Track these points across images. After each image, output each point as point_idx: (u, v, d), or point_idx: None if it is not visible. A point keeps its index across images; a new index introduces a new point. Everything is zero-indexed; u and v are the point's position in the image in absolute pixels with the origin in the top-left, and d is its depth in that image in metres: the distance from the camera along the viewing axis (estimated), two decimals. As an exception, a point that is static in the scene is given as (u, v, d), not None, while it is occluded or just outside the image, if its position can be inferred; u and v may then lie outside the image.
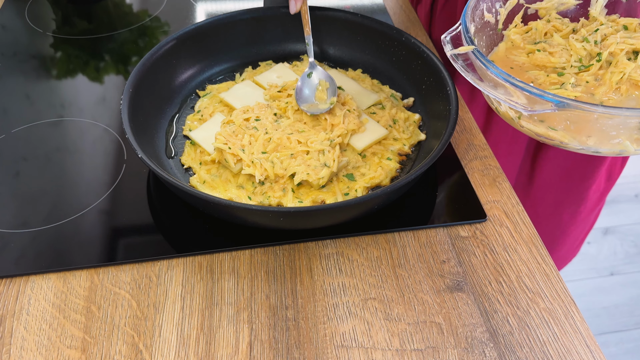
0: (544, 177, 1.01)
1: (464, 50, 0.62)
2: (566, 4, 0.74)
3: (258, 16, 0.84)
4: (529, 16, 0.75)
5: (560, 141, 0.61)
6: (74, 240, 0.64)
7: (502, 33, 0.73)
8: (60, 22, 1.01)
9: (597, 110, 0.54)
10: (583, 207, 1.06)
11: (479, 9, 0.69)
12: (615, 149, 0.60)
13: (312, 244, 0.64)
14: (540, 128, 0.61)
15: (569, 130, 0.60)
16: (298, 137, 0.69)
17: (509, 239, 0.65)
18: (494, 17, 0.72)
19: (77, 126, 0.79)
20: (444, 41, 0.64)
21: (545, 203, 1.05)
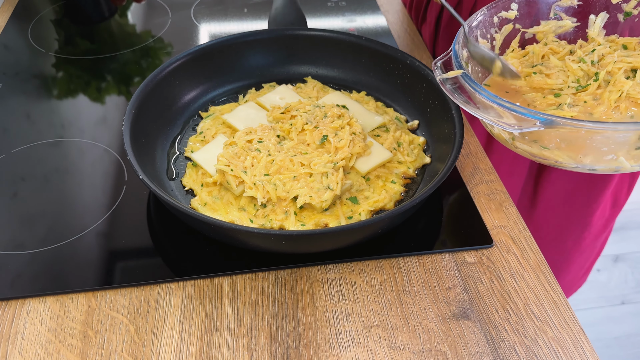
0: (547, 200, 1.01)
1: (453, 74, 0.64)
2: (564, 27, 0.75)
3: (262, 38, 0.85)
4: (527, 40, 0.76)
5: (555, 160, 0.62)
6: (72, 263, 0.64)
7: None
8: (62, 42, 1.03)
9: (584, 125, 0.55)
10: (587, 233, 1.06)
11: (473, 35, 0.71)
12: (611, 165, 0.60)
13: (315, 268, 0.65)
14: (534, 148, 0.63)
15: (560, 148, 0.61)
16: (301, 159, 0.70)
17: (516, 266, 0.65)
18: (489, 43, 0.73)
19: (77, 147, 0.80)
20: (434, 67, 0.66)
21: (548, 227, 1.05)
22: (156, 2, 1.14)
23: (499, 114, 0.59)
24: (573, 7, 0.75)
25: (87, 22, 1.11)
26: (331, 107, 0.77)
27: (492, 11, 0.73)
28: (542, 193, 1.01)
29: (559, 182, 0.98)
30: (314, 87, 0.86)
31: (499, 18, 0.73)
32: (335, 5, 1.14)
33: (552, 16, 0.75)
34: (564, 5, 0.75)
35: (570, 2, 0.74)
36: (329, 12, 1.12)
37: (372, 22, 1.09)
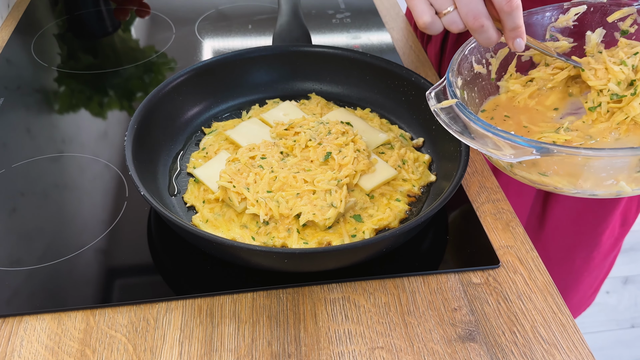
0: (555, 220, 1.01)
1: (447, 104, 0.64)
2: (561, 47, 0.76)
3: (266, 54, 0.86)
4: (523, 64, 0.76)
5: (554, 186, 0.62)
6: (70, 280, 0.64)
7: (496, 83, 0.75)
8: (65, 56, 1.04)
9: (579, 153, 0.55)
10: (596, 253, 1.05)
11: (467, 61, 0.71)
12: (612, 190, 0.60)
13: (317, 287, 0.64)
14: (533, 175, 0.63)
15: (559, 174, 0.61)
16: (304, 176, 0.70)
17: (523, 287, 0.65)
18: (485, 68, 0.74)
19: (78, 162, 0.80)
20: (428, 97, 0.65)
21: (556, 247, 1.04)
22: (160, 17, 1.16)
23: (495, 143, 0.59)
24: (569, 27, 0.75)
25: (90, 36, 1.13)
26: (335, 123, 0.78)
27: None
28: (550, 212, 1.01)
29: (568, 201, 0.98)
30: (318, 103, 0.87)
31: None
32: (340, 22, 1.15)
33: (548, 37, 0.76)
34: (559, 26, 0.75)
35: (565, 22, 0.74)
36: (333, 28, 1.13)
37: (377, 39, 1.10)
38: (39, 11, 1.17)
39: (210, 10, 1.18)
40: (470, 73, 0.72)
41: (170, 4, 1.20)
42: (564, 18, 0.74)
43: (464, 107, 0.62)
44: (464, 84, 0.70)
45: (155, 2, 1.21)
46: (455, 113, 0.63)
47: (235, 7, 1.20)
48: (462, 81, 0.70)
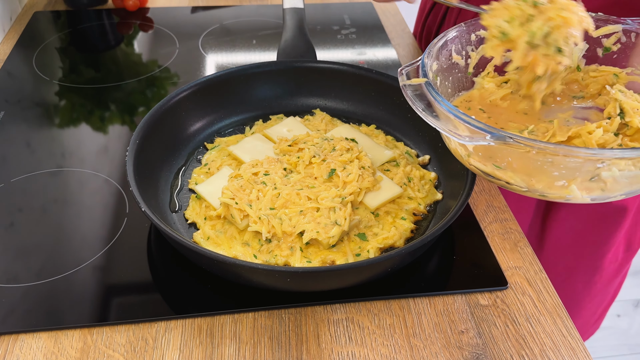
0: (555, 240, 1.00)
1: (416, 82, 0.64)
2: None
3: (270, 70, 0.87)
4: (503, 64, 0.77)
5: (506, 181, 0.62)
6: (68, 298, 0.64)
7: (472, 79, 0.75)
8: (67, 70, 1.06)
9: (535, 145, 0.55)
10: (598, 277, 1.04)
11: (447, 49, 0.72)
12: (562, 193, 0.60)
13: (320, 308, 0.64)
14: (487, 166, 0.63)
15: (511, 168, 0.61)
16: (308, 193, 0.70)
17: (531, 309, 0.65)
18: (463, 60, 0.74)
19: (77, 177, 0.81)
20: (400, 73, 0.66)
21: (557, 269, 1.04)
22: (164, 31, 1.18)
23: (455, 126, 0.59)
24: None
25: (92, 50, 1.14)
26: (340, 140, 0.78)
27: (471, 28, 0.74)
28: (550, 233, 1.00)
29: (568, 221, 0.97)
30: (323, 119, 0.87)
31: (477, 36, 0.74)
32: (345, 38, 1.16)
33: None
34: None
35: None
36: (338, 44, 1.15)
37: (383, 55, 1.11)
38: (41, 24, 1.19)
39: (214, 25, 1.19)
40: (448, 61, 0.73)
41: (174, 19, 1.22)
42: None
43: (432, 88, 0.62)
44: (439, 70, 0.71)
45: (159, 16, 1.23)
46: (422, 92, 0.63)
47: (240, 22, 1.21)
48: (437, 66, 0.70)
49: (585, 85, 0.73)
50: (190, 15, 1.24)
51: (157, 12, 1.24)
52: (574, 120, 0.70)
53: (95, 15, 1.23)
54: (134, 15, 1.23)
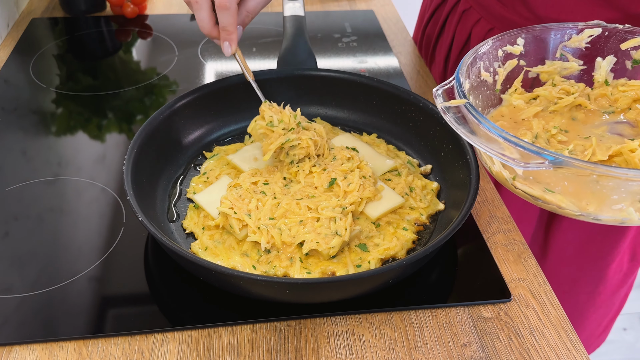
0: (558, 250, 1.00)
1: (456, 103, 0.64)
2: (569, 69, 0.77)
3: (270, 78, 0.88)
4: (529, 79, 0.77)
5: (557, 205, 0.62)
6: (63, 309, 0.64)
7: (499, 95, 0.76)
8: (64, 77, 1.06)
9: (597, 170, 0.55)
10: (602, 288, 1.04)
11: (476, 66, 0.72)
12: (617, 216, 0.60)
13: (320, 320, 0.64)
14: (536, 190, 0.62)
15: (566, 193, 0.61)
16: (308, 203, 0.70)
17: (535, 322, 0.65)
18: (491, 77, 0.74)
19: (74, 186, 0.81)
20: (436, 94, 0.66)
21: (560, 280, 1.03)
22: (162, 39, 1.18)
23: (502, 148, 0.58)
24: (580, 49, 0.76)
25: (90, 57, 1.15)
26: (340, 149, 0.79)
27: (498, 44, 0.74)
28: (553, 243, 1.00)
29: (571, 231, 0.97)
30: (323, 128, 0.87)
31: (504, 52, 0.75)
32: (346, 46, 1.17)
33: (558, 56, 0.77)
34: (571, 46, 0.76)
35: (578, 43, 0.75)
36: (339, 52, 1.15)
37: (384, 63, 1.11)
38: (38, 31, 1.19)
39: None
40: (477, 79, 0.73)
41: (174, 26, 1.23)
42: (576, 38, 0.75)
43: (474, 109, 0.62)
44: (470, 88, 0.71)
45: (158, 23, 1.24)
46: (462, 114, 0.63)
47: (239, 29, 1.22)
48: (469, 85, 0.70)
49: (615, 100, 0.73)
50: (189, 22, 1.25)
51: (156, 19, 1.25)
52: (608, 135, 0.70)
53: (94, 22, 1.23)
54: (133, 23, 1.24)
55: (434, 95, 0.66)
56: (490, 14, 0.92)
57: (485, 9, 0.93)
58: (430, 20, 1.11)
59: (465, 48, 0.99)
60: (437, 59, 1.09)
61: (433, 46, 1.11)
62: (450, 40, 1.03)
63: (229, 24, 0.72)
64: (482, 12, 0.94)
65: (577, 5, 0.81)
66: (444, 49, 1.05)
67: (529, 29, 0.75)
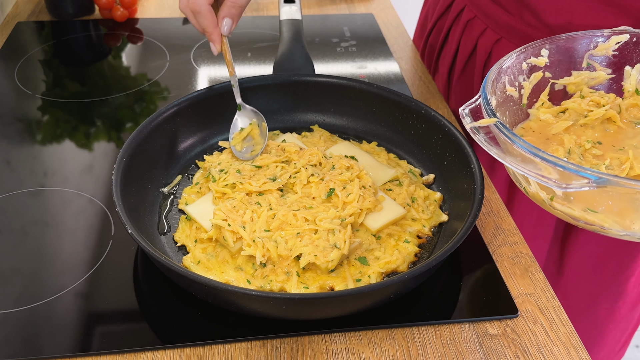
0: (575, 266, 1.01)
1: (486, 123, 0.63)
2: (597, 78, 0.76)
3: (266, 84, 0.88)
4: (556, 92, 0.77)
5: (600, 226, 0.61)
6: (47, 326, 0.64)
7: (526, 110, 0.76)
8: (50, 83, 1.07)
9: None
10: (622, 303, 1.05)
11: (500, 81, 0.72)
12: None
13: (318, 337, 0.64)
14: (577, 210, 0.62)
15: (610, 212, 0.60)
16: (305, 214, 0.70)
17: (544, 339, 0.65)
18: (517, 91, 0.74)
19: (60, 197, 0.81)
20: (462, 114, 0.65)
21: (578, 296, 1.04)
22: (154, 43, 1.19)
23: (539, 168, 0.57)
24: (608, 57, 0.76)
25: (78, 63, 1.15)
26: (339, 158, 0.79)
27: (522, 56, 0.73)
28: (569, 258, 1.00)
29: (588, 246, 0.98)
30: (321, 136, 0.88)
31: (528, 65, 0.74)
32: (345, 51, 1.18)
33: (585, 66, 0.76)
34: (598, 54, 0.75)
35: (605, 51, 0.75)
36: (338, 57, 1.16)
37: (384, 69, 1.12)
38: (24, 35, 1.20)
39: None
40: (503, 94, 0.72)
41: (165, 30, 1.23)
42: (603, 46, 0.75)
43: (505, 128, 0.61)
44: (497, 105, 0.70)
45: (148, 27, 1.24)
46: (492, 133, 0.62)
47: (234, 34, 1.23)
48: (495, 102, 0.69)
49: None
50: (181, 26, 1.26)
51: (147, 23, 1.26)
52: None
53: (82, 26, 1.24)
54: (123, 26, 1.24)
55: (460, 115, 0.66)
56: (496, 24, 0.92)
57: (490, 18, 0.93)
58: (432, 30, 1.11)
59: (471, 60, 1.00)
60: (441, 70, 1.10)
61: (436, 57, 1.11)
62: (454, 51, 1.03)
63: (205, 25, 0.76)
64: (487, 22, 0.94)
65: (588, 12, 0.81)
66: (448, 60, 1.06)
67: (553, 39, 0.75)
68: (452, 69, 1.06)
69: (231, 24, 0.77)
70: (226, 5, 0.76)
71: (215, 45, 0.78)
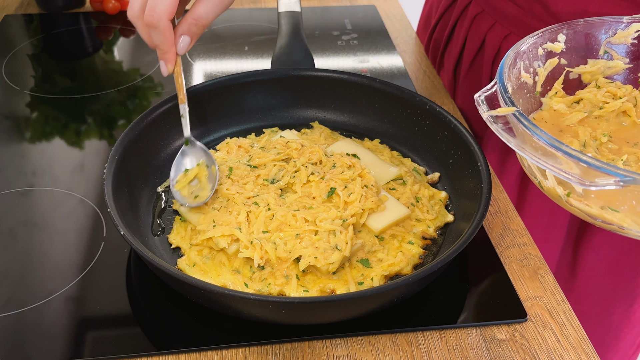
0: (589, 269, 1.01)
1: (504, 112, 0.62)
2: (614, 68, 0.76)
3: (264, 79, 0.88)
4: (570, 81, 0.77)
5: (619, 225, 0.60)
6: (37, 332, 0.64)
7: (539, 99, 0.75)
8: (39, 79, 1.07)
9: None
10: (637, 306, 1.05)
11: (516, 67, 0.71)
12: None
13: (319, 343, 0.64)
14: (594, 208, 0.61)
15: (632, 212, 0.59)
16: (305, 215, 0.70)
17: (554, 344, 0.65)
18: (531, 78, 0.74)
19: (50, 197, 0.81)
20: (478, 101, 0.64)
21: (591, 300, 1.04)
22: (146, 37, 1.19)
23: (559, 162, 0.56)
24: (627, 46, 0.75)
25: (68, 57, 1.15)
26: (340, 156, 0.79)
27: (538, 41, 0.73)
28: (583, 261, 1.00)
29: (603, 248, 0.98)
30: (322, 133, 0.88)
31: (545, 50, 0.74)
32: (346, 44, 1.18)
33: (602, 54, 0.76)
34: (617, 42, 0.75)
35: (624, 39, 0.74)
36: (339, 51, 1.16)
37: (387, 63, 1.12)
38: (12, 29, 1.20)
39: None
40: (518, 81, 0.71)
41: (158, 23, 1.23)
42: (622, 34, 0.74)
43: (525, 118, 0.60)
44: (512, 92, 0.69)
45: (141, 20, 1.24)
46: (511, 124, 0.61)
47: (231, 27, 1.23)
48: (511, 89, 0.68)
49: None
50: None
51: (140, 16, 1.26)
52: None
53: (72, 19, 1.24)
54: (114, 19, 1.24)
55: (476, 102, 0.64)
56: (505, 18, 0.92)
57: (499, 12, 0.93)
58: (437, 24, 1.11)
59: (479, 55, 1.00)
60: (447, 66, 1.10)
61: (441, 52, 1.11)
62: (460, 47, 1.03)
63: (160, 42, 0.69)
64: (496, 16, 0.94)
65: (601, 5, 0.81)
66: (454, 56, 1.05)
67: (571, 24, 0.74)
68: (459, 65, 1.06)
69: (189, 42, 0.71)
70: (186, 21, 0.70)
71: (167, 66, 0.71)
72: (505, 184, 0.97)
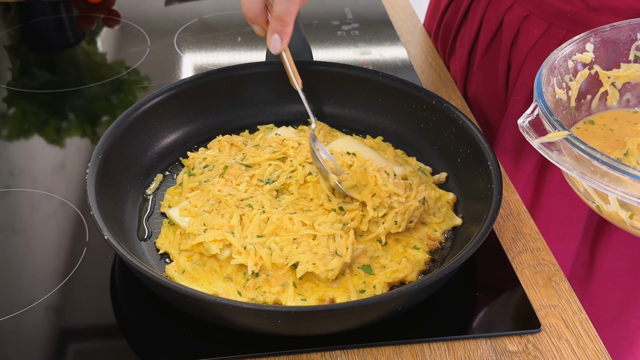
0: (606, 269, 1.01)
1: (556, 137, 0.60)
2: None
3: (258, 72, 0.88)
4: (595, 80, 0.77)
5: None
6: (15, 343, 0.64)
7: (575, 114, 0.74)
8: (17, 72, 1.07)
9: None
10: None
11: (550, 84, 0.70)
12: None
13: (318, 355, 0.64)
14: None
15: None
16: (302, 218, 0.71)
17: (569, 356, 0.65)
18: (565, 94, 0.73)
19: (28, 199, 0.81)
20: (524, 127, 0.63)
21: (608, 303, 1.04)
22: (133, 27, 1.19)
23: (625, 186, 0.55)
24: None
25: (48, 49, 1.15)
26: (340, 155, 0.79)
27: (567, 53, 0.72)
28: (600, 261, 1.01)
29: (621, 247, 0.98)
30: (320, 130, 0.88)
31: (574, 62, 0.73)
32: (346, 35, 1.18)
33: (632, 58, 0.76)
34: None
35: None
36: (339, 42, 1.16)
37: (391, 55, 1.12)
38: (-12, 19, 1.20)
39: (192, 20, 1.21)
40: (553, 99, 0.71)
41: (145, 12, 1.23)
42: None
43: (580, 141, 0.58)
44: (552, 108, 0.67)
45: (126, 9, 1.24)
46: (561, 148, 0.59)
47: (222, 16, 1.23)
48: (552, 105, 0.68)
49: None
50: (163, 8, 1.26)
51: (125, 4, 1.26)
52: None
53: (52, 8, 1.24)
54: (97, 8, 1.24)
55: (520, 128, 0.63)
56: None
57: None
58: (449, 7, 1.11)
59: (496, 39, 0.99)
60: (459, 52, 1.10)
61: (453, 37, 1.11)
62: (476, 30, 1.03)
63: (287, 13, 0.64)
64: None
65: None
66: (468, 40, 1.05)
67: (597, 31, 0.74)
68: (473, 50, 1.05)
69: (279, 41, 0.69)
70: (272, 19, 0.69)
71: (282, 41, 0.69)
72: (518, 183, 0.98)
